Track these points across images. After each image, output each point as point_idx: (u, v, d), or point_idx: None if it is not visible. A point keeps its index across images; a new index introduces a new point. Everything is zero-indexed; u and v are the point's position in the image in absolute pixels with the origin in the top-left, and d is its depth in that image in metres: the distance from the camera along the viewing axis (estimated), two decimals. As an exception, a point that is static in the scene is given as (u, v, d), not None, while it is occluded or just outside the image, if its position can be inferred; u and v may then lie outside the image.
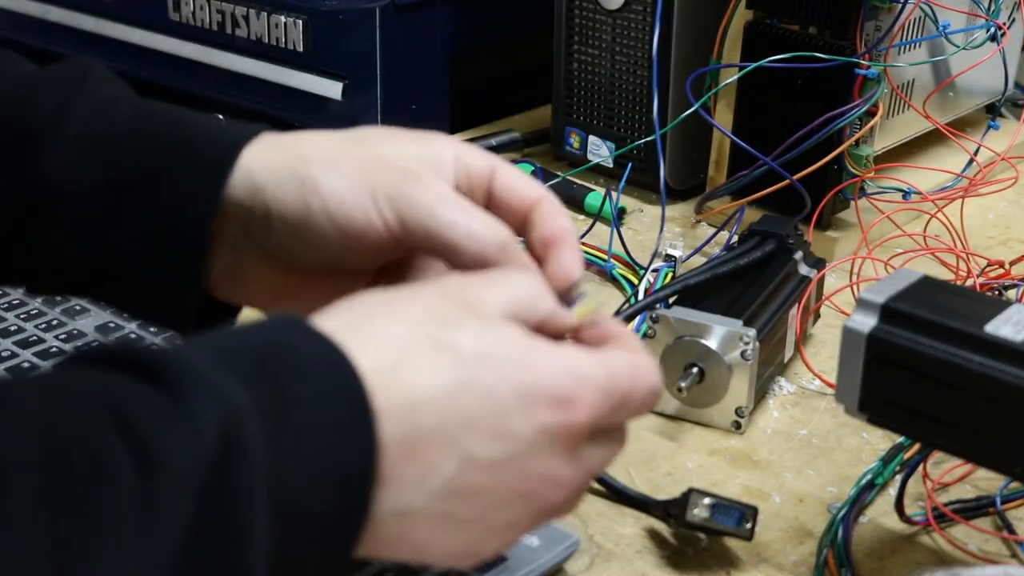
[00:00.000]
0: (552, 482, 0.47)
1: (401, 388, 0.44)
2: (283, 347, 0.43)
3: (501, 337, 0.46)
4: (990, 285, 0.88)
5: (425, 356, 0.44)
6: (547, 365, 0.46)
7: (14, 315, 0.80)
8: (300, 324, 0.44)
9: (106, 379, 0.40)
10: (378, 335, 0.45)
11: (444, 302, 0.47)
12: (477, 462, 0.45)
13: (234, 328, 0.45)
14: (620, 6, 1.02)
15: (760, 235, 0.82)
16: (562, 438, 0.46)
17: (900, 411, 0.58)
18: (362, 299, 0.47)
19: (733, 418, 0.73)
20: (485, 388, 0.45)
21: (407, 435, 0.43)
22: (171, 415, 0.38)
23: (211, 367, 0.40)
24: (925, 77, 1.00)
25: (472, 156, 0.56)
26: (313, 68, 1.10)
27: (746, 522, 0.61)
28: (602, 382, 0.47)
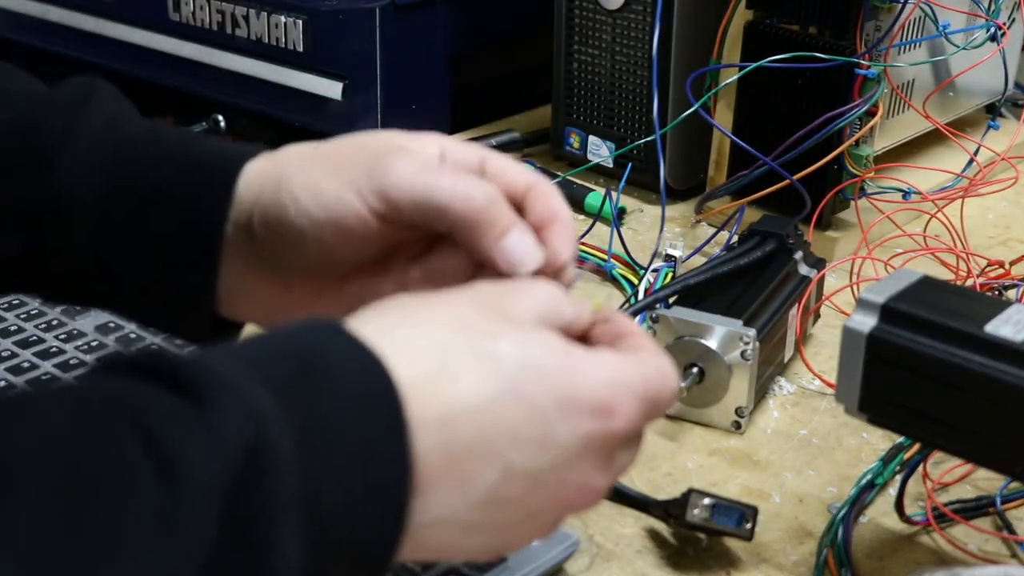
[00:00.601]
0: (587, 490, 0.47)
1: (441, 398, 0.43)
2: (318, 354, 0.42)
3: (542, 345, 0.46)
4: (990, 285, 0.88)
5: (466, 365, 0.44)
6: (588, 374, 0.46)
7: (14, 315, 0.80)
8: (337, 329, 0.43)
9: (129, 387, 0.39)
10: (415, 342, 0.44)
11: (479, 309, 0.46)
12: (517, 472, 0.44)
13: (268, 333, 0.44)
14: (620, 6, 1.02)
15: (760, 235, 0.82)
16: (601, 447, 0.46)
17: (900, 411, 0.58)
18: (394, 303, 0.46)
19: (733, 418, 0.73)
20: (529, 398, 0.44)
21: (447, 446, 0.43)
22: (195, 425, 0.37)
23: (239, 376, 0.39)
24: (925, 77, 1.00)
25: (459, 149, 0.55)
26: (313, 68, 1.10)
27: (746, 522, 0.61)
28: (638, 389, 0.47)
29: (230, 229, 0.55)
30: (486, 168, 0.55)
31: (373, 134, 0.56)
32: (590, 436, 0.45)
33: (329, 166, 0.53)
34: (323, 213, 0.52)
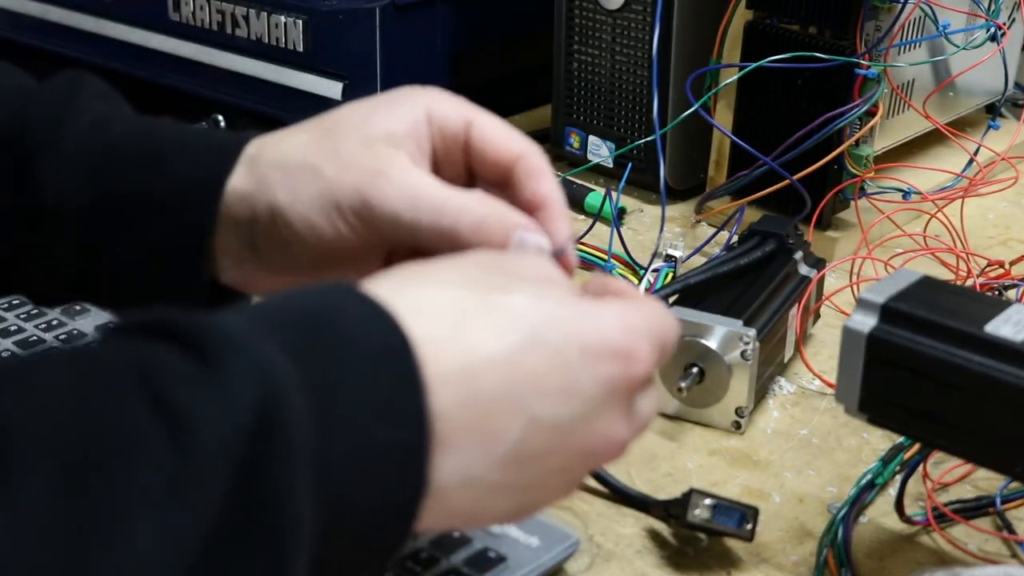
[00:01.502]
0: (612, 440, 0.46)
1: (461, 352, 0.42)
2: (330, 313, 0.41)
3: (554, 296, 0.45)
4: (990, 285, 0.88)
5: (483, 317, 0.43)
6: (603, 320, 0.46)
7: (14, 315, 0.80)
8: (350, 290, 0.42)
9: (139, 348, 0.38)
10: (429, 300, 0.43)
11: (487, 268, 0.46)
12: (543, 425, 0.43)
13: (281, 295, 0.43)
14: (620, 6, 1.02)
15: (760, 235, 0.82)
16: (623, 392, 0.46)
17: (900, 411, 0.58)
18: (404, 268, 0.46)
19: (733, 418, 0.73)
20: (552, 347, 0.44)
21: (470, 400, 0.42)
22: (206, 384, 0.37)
23: (251, 335, 0.39)
24: (925, 77, 1.00)
25: (444, 114, 0.54)
26: (313, 68, 1.10)
27: (747, 523, 0.61)
28: (649, 332, 0.47)
29: (220, 231, 0.55)
30: (471, 135, 0.54)
31: (363, 111, 0.55)
32: (612, 381, 0.45)
33: (315, 195, 0.53)
34: (310, 233, 0.53)
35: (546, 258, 0.50)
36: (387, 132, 0.53)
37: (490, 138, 0.54)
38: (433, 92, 0.55)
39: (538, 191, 0.53)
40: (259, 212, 0.54)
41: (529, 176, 0.53)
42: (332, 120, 0.55)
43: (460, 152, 0.54)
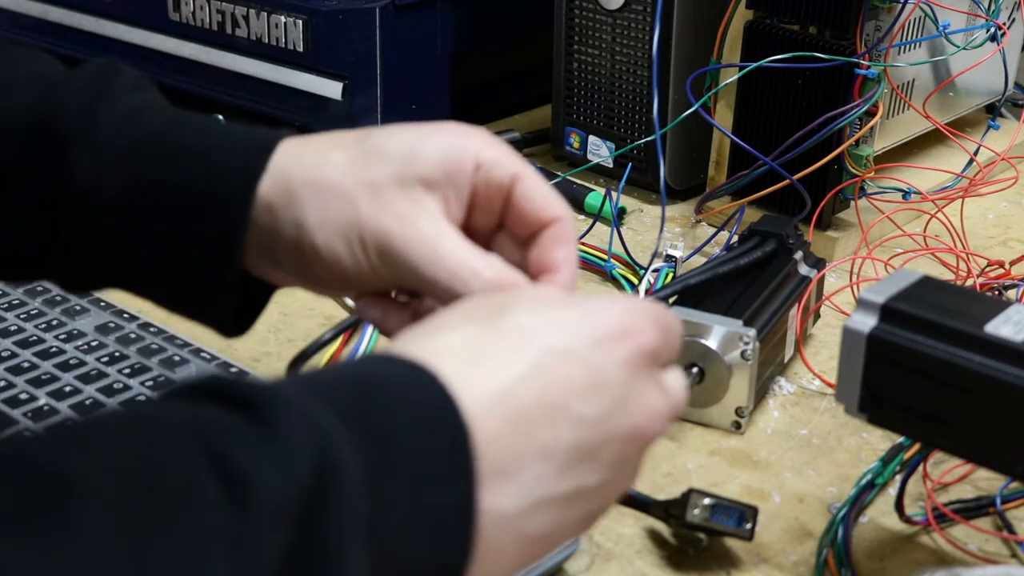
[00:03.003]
0: (653, 412, 0.47)
1: (489, 380, 0.43)
2: (379, 380, 0.42)
3: (548, 301, 0.47)
4: (990, 285, 0.88)
5: (497, 343, 0.45)
6: (600, 308, 0.47)
7: (14, 315, 0.80)
8: (393, 357, 0.43)
9: (197, 409, 0.39)
10: (440, 347, 0.44)
11: (480, 304, 0.47)
12: (588, 421, 0.44)
13: (328, 367, 0.45)
14: (620, 6, 1.02)
15: (760, 235, 0.82)
16: (644, 365, 0.47)
17: (900, 411, 0.58)
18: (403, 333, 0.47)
19: (733, 418, 0.73)
20: (565, 349, 0.45)
21: (513, 418, 0.43)
22: (264, 444, 0.37)
23: (305, 397, 0.40)
24: (925, 77, 1.00)
25: (493, 165, 0.54)
26: (313, 68, 1.10)
27: (746, 522, 0.61)
28: (647, 310, 0.48)
29: (251, 233, 0.54)
30: (514, 192, 0.54)
31: (418, 137, 0.55)
32: (629, 359, 0.46)
33: (344, 217, 0.52)
34: (330, 257, 0.53)
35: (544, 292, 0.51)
36: (427, 176, 0.53)
37: (533, 199, 0.54)
38: (484, 137, 0.56)
39: (557, 259, 0.54)
40: (284, 225, 0.53)
41: (555, 242, 0.54)
42: (373, 144, 0.55)
43: (500, 202, 0.55)
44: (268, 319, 0.85)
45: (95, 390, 0.72)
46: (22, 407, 0.70)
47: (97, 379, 0.73)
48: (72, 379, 0.73)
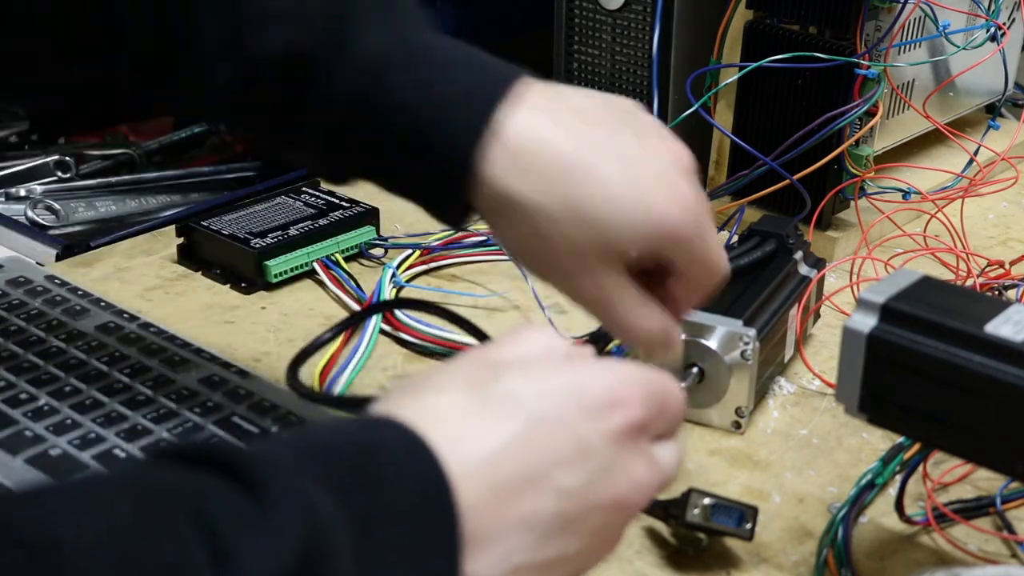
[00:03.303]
0: (637, 484, 0.47)
1: (475, 446, 0.44)
2: (372, 449, 0.43)
3: (544, 367, 0.47)
4: (990, 285, 0.88)
5: (485, 411, 0.45)
6: (593, 375, 0.48)
7: (14, 315, 0.80)
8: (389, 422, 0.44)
9: (192, 478, 0.39)
10: (428, 411, 0.45)
11: (476, 364, 0.48)
12: (570, 492, 0.45)
13: (327, 426, 0.45)
14: (620, 6, 1.02)
15: (760, 235, 0.82)
16: (630, 438, 0.47)
17: (900, 411, 0.58)
18: (395, 390, 0.48)
19: (733, 418, 0.73)
20: (553, 419, 0.46)
21: (497, 487, 0.43)
22: (255, 522, 0.38)
23: (298, 473, 0.40)
24: (925, 77, 1.00)
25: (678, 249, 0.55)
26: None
27: (746, 522, 0.61)
28: (641, 382, 0.49)
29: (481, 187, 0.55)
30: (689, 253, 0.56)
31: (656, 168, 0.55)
32: (615, 431, 0.47)
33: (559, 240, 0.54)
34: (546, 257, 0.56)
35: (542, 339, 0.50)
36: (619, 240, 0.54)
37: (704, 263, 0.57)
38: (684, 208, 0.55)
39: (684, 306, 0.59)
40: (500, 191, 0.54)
41: (694, 289, 0.58)
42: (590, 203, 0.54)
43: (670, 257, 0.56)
44: (268, 319, 0.85)
45: (95, 390, 0.72)
46: (22, 407, 0.70)
47: (97, 379, 0.73)
48: (73, 379, 0.73)
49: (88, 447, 0.66)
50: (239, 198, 1.01)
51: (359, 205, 0.95)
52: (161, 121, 1.36)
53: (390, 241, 0.94)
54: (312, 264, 0.90)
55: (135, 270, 0.92)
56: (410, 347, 0.82)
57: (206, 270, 0.91)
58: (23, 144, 1.31)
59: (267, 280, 0.89)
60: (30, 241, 0.97)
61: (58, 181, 1.17)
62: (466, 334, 0.73)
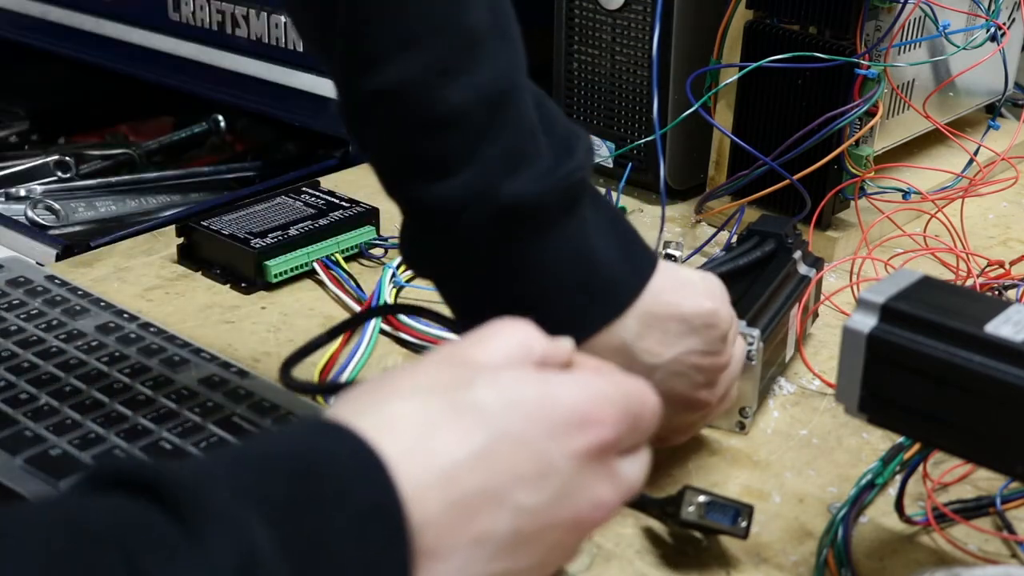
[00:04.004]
0: (598, 505, 0.47)
1: (434, 461, 0.43)
2: (316, 464, 0.41)
3: (514, 379, 0.46)
4: (990, 285, 0.88)
5: (449, 420, 0.44)
6: (563, 391, 0.47)
7: (14, 315, 0.80)
8: (334, 429, 0.43)
9: (123, 508, 0.38)
10: (397, 415, 0.44)
11: (447, 366, 0.47)
12: (528, 510, 0.44)
13: (273, 438, 0.44)
14: (620, 6, 1.02)
15: (759, 235, 0.82)
16: (596, 459, 0.46)
17: (900, 411, 0.58)
18: (362, 387, 0.46)
19: (737, 418, 0.73)
20: (517, 435, 0.45)
21: (454, 503, 0.43)
22: (183, 558, 0.37)
23: (233, 500, 0.39)
24: (925, 77, 1.00)
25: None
26: (313, 68, 1.10)
27: (741, 520, 0.61)
28: (616, 398, 0.48)
29: None
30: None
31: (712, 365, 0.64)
32: (581, 451, 0.46)
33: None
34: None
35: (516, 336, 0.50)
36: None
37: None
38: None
39: None
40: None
41: None
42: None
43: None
44: (268, 319, 0.85)
45: (96, 390, 0.72)
46: (23, 407, 0.70)
47: (98, 379, 0.73)
48: (73, 379, 0.73)
49: (88, 447, 0.66)
50: (239, 198, 1.01)
51: (359, 205, 0.95)
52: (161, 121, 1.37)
53: (390, 241, 0.94)
54: (312, 264, 0.90)
55: (135, 270, 0.92)
56: (410, 347, 0.82)
57: (206, 270, 0.91)
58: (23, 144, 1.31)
59: (267, 280, 0.89)
60: (30, 241, 0.97)
61: (58, 181, 1.17)
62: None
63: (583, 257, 0.60)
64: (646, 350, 0.62)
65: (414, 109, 0.56)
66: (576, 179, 0.59)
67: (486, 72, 0.57)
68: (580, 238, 0.59)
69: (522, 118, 0.58)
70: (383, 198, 0.61)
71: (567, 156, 0.59)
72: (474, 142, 0.57)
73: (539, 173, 0.58)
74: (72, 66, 1.32)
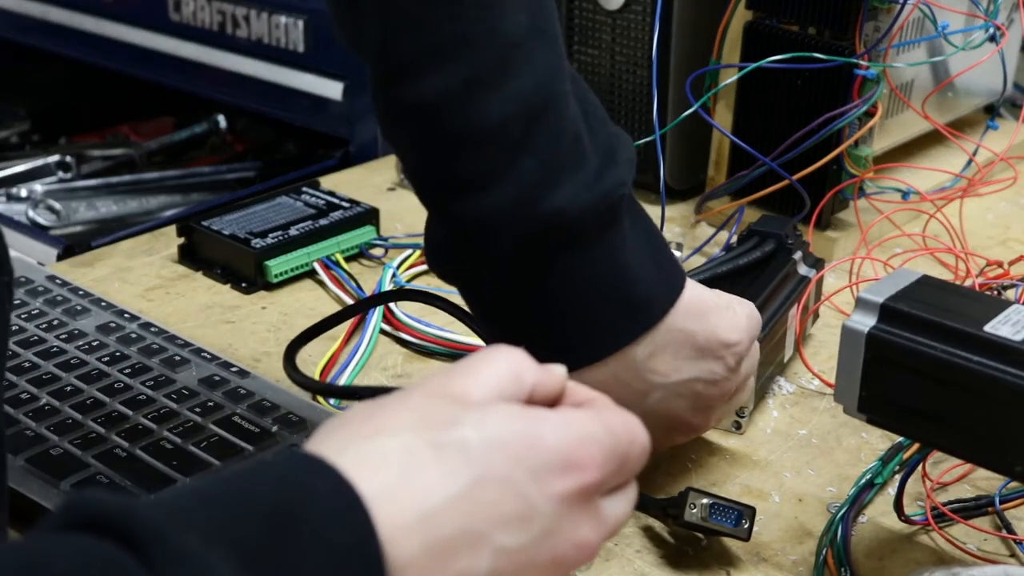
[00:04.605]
0: (580, 546, 0.46)
1: (415, 501, 0.42)
2: (297, 498, 0.40)
3: (500, 418, 0.45)
4: (989, 285, 0.88)
5: (431, 461, 0.43)
6: (548, 432, 0.46)
7: (15, 315, 0.80)
8: (311, 464, 0.42)
9: (92, 548, 0.37)
10: (375, 453, 0.43)
11: (433, 401, 0.46)
12: (508, 551, 0.44)
13: (248, 474, 0.42)
14: (620, 6, 1.02)
15: (759, 235, 0.82)
16: (579, 501, 0.46)
17: (899, 411, 0.58)
18: (348, 416, 0.45)
19: (733, 418, 0.73)
20: (501, 477, 0.44)
21: (432, 545, 0.42)
22: None
23: (205, 543, 0.38)
24: (924, 77, 1.00)
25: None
26: (313, 68, 1.10)
27: (744, 522, 0.61)
28: (603, 439, 0.47)
29: None
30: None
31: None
32: (565, 495, 0.45)
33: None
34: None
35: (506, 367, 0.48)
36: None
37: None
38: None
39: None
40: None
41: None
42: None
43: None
44: (268, 319, 0.86)
45: (96, 390, 0.72)
46: (23, 407, 0.70)
47: (98, 379, 0.73)
48: (73, 379, 0.73)
49: (89, 447, 0.66)
50: (239, 198, 1.01)
51: (359, 205, 0.95)
52: (161, 121, 1.37)
53: (390, 241, 0.94)
54: (312, 264, 0.90)
55: (136, 270, 0.92)
56: (410, 347, 0.82)
57: (206, 270, 0.91)
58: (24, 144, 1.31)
59: (267, 280, 0.89)
60: (31, 241, 0.97)
61: (59, 181, 1.18)
62: (465, 334, 0.73)
63: (619, 273, 0.59)
64: (653, 370, 0.62)
65: (449, 123, 0.55)
66: (618, 195, 0.58)
67: (526, 81, 0.55)
68: (618, 253, 0.59)
69: (563, 124, 0.57)
70: (383, 198, 0.61)
71: (610, 164, 0.58)
72: (513, 154, 0.55)
73: (581, 185, 0.57)
74: (73, 66, 1.32)
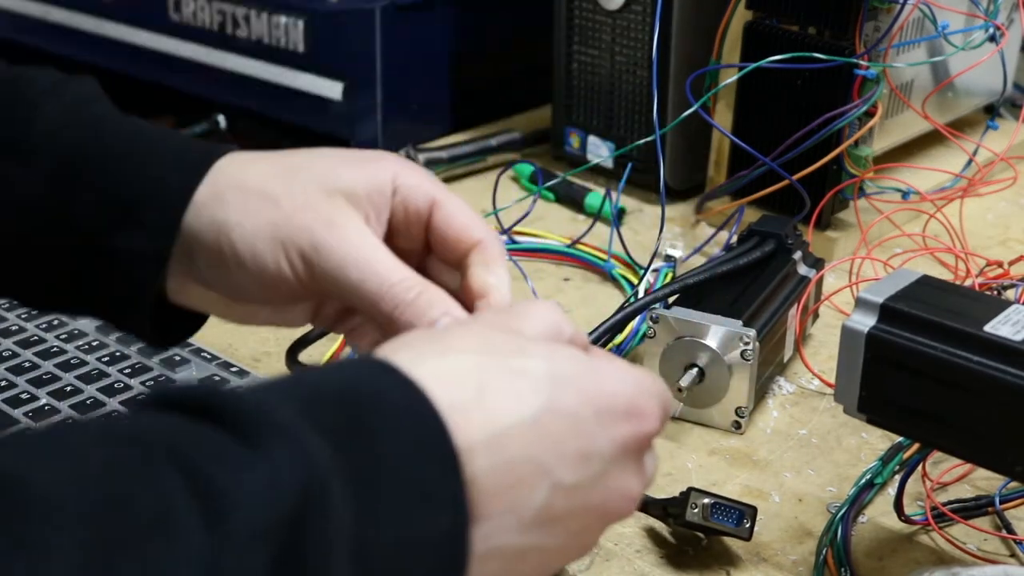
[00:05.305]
0: (627, 496, 0.47)
1: (486, 420, 0.42)
2: (369, 396, 0.41)
3: (566, 357, 0.46)
4: (989, 285, 0.88)
5: (504, 383, 0.44)
6: (615, 379, 0.46)
7: (15, 315, 0.80)
8: (386, 367, 0.42)
9: (180, 425, 0.37)
10: (450, 369, 0.43)
11: (497, 332, 0.46)
12: (565, 488, 0.44)
13: (321, 371, 0.43)
14: (620, 6, 1.02)
15: (759, 235, 0.82)
16: (635, 450, 0.47)
17: (899, 411, 0.58)
18: (419, 334, 0.46)
19: (733, 418, 0.73)
20: (568, 412, 0.44)
21: (499, 466, 0.42)
22: (247, 466, 0.36)
23: (294, 419, 0.38)
24: (924, 77, 1.00)
25: (411, 190, 0.55)
26: (313, 68, 1.10)
27: (745, 522, 0.61)
28: (662, 395, 0.48)
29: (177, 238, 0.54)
30: (433, 215, 0.55)
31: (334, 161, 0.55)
32: (625, 440, 0.46)
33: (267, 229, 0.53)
34: (252, 262, 0.53)
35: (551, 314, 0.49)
36: (349, 189, 0.54)
37: (452, 222, 0.55)
38: (402, 163, 0.56)
39: (487, 281, 0.54)
40: (205, 225, 0.53)
41: (482, 265, 0.54)
42: (299, 160, 0.55)
43: (420, 228, 0.55)
44: (268, 319, 0.85)
45: (96, 390, 0.72)
46: (23, 407, 0.70)
47: (98, 379, 0.73)
48: (73, 379, 0.73)
49: (89, 447, 0.66)
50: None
51: (359, 205, 0.95)
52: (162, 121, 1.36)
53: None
54: (312, 264, 0.90)
55: (135, 270, 0.92)
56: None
57: (206, 270, 0.91)
58: (23, 144, 1.30)
59: (267, 280, 0.88)
60: (31, 241, 0.97)
61: (58, 181, 1.17)
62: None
63: None
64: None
65: None
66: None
67: None
68: None
69: None
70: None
71: None
72: None
73: None
74: (72, 66, 1.32)
